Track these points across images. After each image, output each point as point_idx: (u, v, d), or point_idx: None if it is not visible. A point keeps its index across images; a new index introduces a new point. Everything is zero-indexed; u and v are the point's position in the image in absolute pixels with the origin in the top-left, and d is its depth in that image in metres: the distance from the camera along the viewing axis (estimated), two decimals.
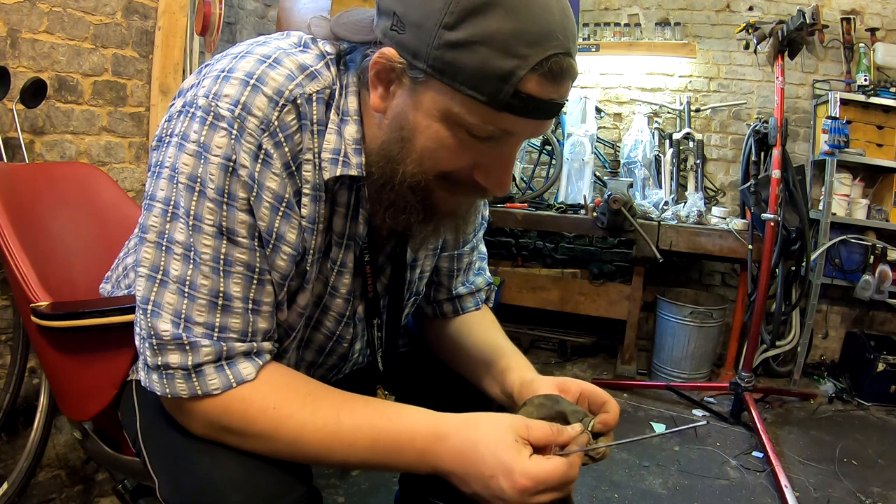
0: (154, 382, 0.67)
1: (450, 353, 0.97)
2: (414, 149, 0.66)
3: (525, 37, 0.59)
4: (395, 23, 0.63)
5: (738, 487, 1.98)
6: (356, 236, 0.77)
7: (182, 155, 0.64)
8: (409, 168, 0.66)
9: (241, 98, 0.63)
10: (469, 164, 0.67)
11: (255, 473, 0.66)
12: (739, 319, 2.86)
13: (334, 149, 0.69)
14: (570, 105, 3.31)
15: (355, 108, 0.70)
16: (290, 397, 0.67)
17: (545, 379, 0.81)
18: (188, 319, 0.65)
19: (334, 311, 0.81)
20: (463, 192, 0.71)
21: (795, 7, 2.33)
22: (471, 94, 0.60)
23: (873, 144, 2.94)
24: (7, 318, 1.67)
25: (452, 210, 0.73)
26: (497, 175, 0.69)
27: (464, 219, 0.78)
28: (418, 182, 0.67)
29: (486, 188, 0.70)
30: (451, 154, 0.66)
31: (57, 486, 1.61)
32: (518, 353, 0.91)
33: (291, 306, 0.75)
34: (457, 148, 0.65)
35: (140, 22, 2.06)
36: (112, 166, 2.04)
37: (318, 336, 0.83)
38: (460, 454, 0.65)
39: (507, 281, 3.08)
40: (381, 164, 0.68)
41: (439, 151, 0.65)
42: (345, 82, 0.71)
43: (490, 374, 0.88)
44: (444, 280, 0.97)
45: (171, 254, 0.65)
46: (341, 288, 0.79)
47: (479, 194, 0.73)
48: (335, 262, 0.77)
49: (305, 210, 0.70)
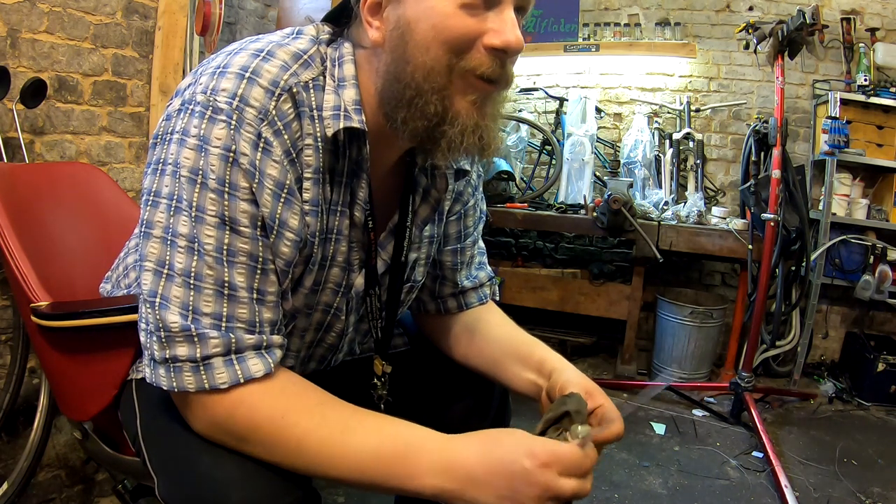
0: (161, 377, 0.67)
1: (465, 346, 0.97)
2: (419, 37, 0.67)
3: None
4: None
5: (738, 487, 1.98)
6: (356, 200, 0.77)
7: (183, 150, 0.65)
8: (420, 58, 0.68)
9: (237, 91, 0.65)
10: (475, 31, 0.68)
11: (254, 473, 0.66)
12: (739, 319, 2.86)
13: (334, 106, 0.71)
14: (570, 105, 3.32)
15: (352, 73, 0.73)
16: (298, 406, 0.67)
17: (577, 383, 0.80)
18: (196, 311, 0.65)
19: (331, 281, 0.80)
20: (480, 88, 0.70)
21: (795, 7, 2.33)
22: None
23: (873, 144, 2.94)
24: (7, 318, 1.67)
25: (474, 114, 0.71)
26: (507, 30, 0.68)
27: (488, 128, 0.74)
28: (432, 67, 0.68)
29: (497, 46, 0.68)
30: (456, 20, 0.67)
31: (57, 486, 1.61)
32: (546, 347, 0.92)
33: (297, 290, 0.76)
34: (460, 14, 0.67)
35: (140, 22, 2.06)
36: (112, 166, 2.04)
37: (316, 315, 0.83)
38: (479, 451, 0.65)
39: (507, 281, 3.08)
40: (393, 77, 0.70)
41: (444, 22, 0.67)
42: (337, 55, 0.74)
43: (523, 363, 0.89)
44: (449, 274, 0.98)
45: (176, 247, 0.66)
46: (337, 256, 0.79)
47: (494, 69, 0.70)
48: (331, 231, 0.77)
49: (308, 194, 0.71)
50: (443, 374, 0.98)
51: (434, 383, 0.98)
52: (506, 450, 0.64)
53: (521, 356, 0.90)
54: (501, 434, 0.67)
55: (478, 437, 0.67)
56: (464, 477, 0.64)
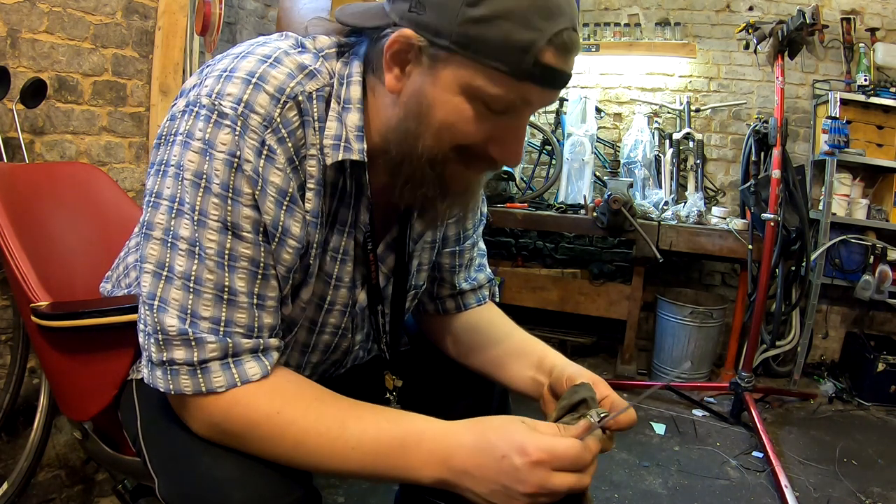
0: (158, 379, 0.67)
1: (465, 345, 0.97)
2: (432, 123, 0.68)
3: (540, 12, 0.63)
4: (413, 5, 0.66)
5: (738, 487, 1.98)
6: (358, 223, 0.78)
7: (187, 153, 0.65)
8: (428, 142, 0.68)
9: (243, 96, 0.65)
10: (484, 137, 0.69)
11: (255, 473, 0.66)
12: (739, 319, 2.86)
13: (335, 135, 0.71)
14: (570, 105, 3.32)
15: (358, 96, 0.72)
16: (295, 402, 0.67)
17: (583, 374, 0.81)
18: (194, 314, 0.65)
19: (339, 303, 0.81)
20: (476, 167, 0.73)
21: (795, 7, 2.33)
22: (495, 65, 0.64)
23: (873, 144, 2.94)
24: (7, 318, 1.67)
25: (465, 186, 0.75)
26: (512, 147, 0.71)
27: (474, 196, 0.81)
28: (435, 155, 0.69)
29: (498, 160, 0.72)
30: (469, 126, 0.68)
31: (57, 486, 1.61)
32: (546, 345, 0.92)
33: (295, 301, 0.76)
34: (474, 120, 0.68)
35: (140, 22, 2.06)
36: (112, 166, 2.04)
37: (324, 337, 0.84)
38: (471, 445, 0.64)
39: (507, 281, 3.08)
40: (399, 139, 0.70)
41: (458, 125, 0.68)
42: (346, 73, 0.73)
43: (522, 361, 0.89)
44: (447, 275, 0.98)
45: (177, 250, 0.66)
46: (345, 277, 0.80)
47: (491, 168, 0.75)
48: (337, 251, 0.78)
49: (310, 204, 0.71)
50: (443, 374, 0.98)
51: (434, 383, 0.98)
52: (497, 444, 0.63)
53: (520, 354, 0.90)
54: (495, 426, 0.66)
55: (473, 427, 0.66)
56: (459, 468, 0.64)
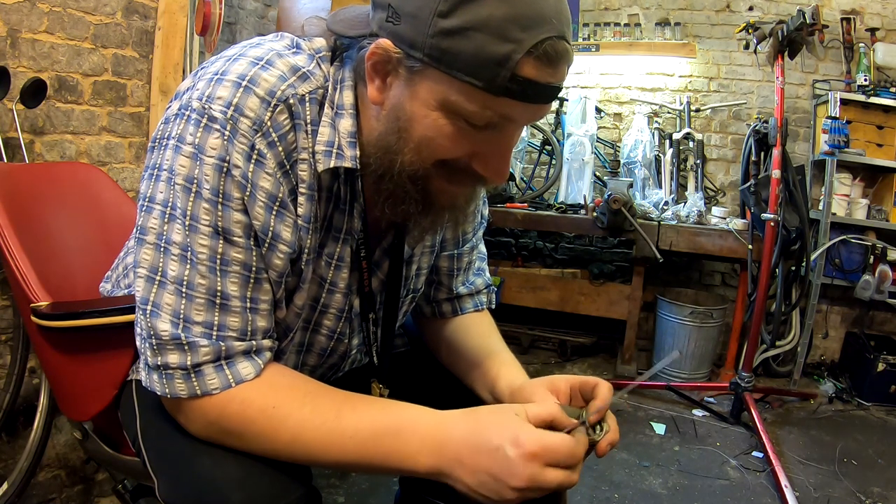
0: (154, 382, 0.67)
1: (445, 353, 0.97)
2: (411, 138, 0.66)
3: (519, 21, 0.59)
4: (390, 14, 0.64)
5: (738, 487, 1.98)
6: (352, 230, 0.77)
7: (179, 157, 0.65)
8: (408, 157, 0.67)
9: (233, 100, 0.64)
10: (467, 153, 0.67)
11: (254, 473, 0.66)
12: (739, 319, 2.86)
13: (328, 141, 0.70)
14: (570, 105, 3.32)
15: (351, 102, 0.71)
16: (289, 396, 0.67)
17: (534, 382, 0.81)
18: (187, 319, 0.65)
19: (333, 307, 0.81)
20: (461, 181, 0.71)
21: (795, 7, 2.33)
22: (468, 80, 0.61)
23: (873, 144, 2.94)
24: (7, 318, 1.67)
25: (451, 202, 0.73)
26: (495, 163, 0.69)
27: (462, 211, 0.77)
28: (416, 171, 0.67)
29: (485, 177, 0.70)
30: (449, 142, 0.66)
31: (57, 486, 1.61)
32: (511, 358, 0.90)
33: (289, 306, 0.75)
34: (455, 136, 0.65)
35: (140, 22, 2.06)
36: (112, 166, 2.04)
37: (319, 338, 0.83)
38: (465, 434, 0.64)
39: (507, 281, 3.08)
40: (380, 154, 0.68)
41: (437, 140, 0.65)
42: (339, 77, 0.71)
43: (480, 377, 0.88)
44: (444, 279, 0.97)
45: (169, 255, 0.66)
46: (340, 283, 0.79)
47: (478, 184, 0.73)
48: (332, 256, 0.77)
49: (302, 209, 0.70)
50: (440, 376, 0.98)
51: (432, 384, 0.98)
52: (492, 434, 0.63)
53: (480, 370, 0.89)
54: (491, 415, 0.66)
55: (467, 416, 0.66)
56: (452, 456, 0.64)
